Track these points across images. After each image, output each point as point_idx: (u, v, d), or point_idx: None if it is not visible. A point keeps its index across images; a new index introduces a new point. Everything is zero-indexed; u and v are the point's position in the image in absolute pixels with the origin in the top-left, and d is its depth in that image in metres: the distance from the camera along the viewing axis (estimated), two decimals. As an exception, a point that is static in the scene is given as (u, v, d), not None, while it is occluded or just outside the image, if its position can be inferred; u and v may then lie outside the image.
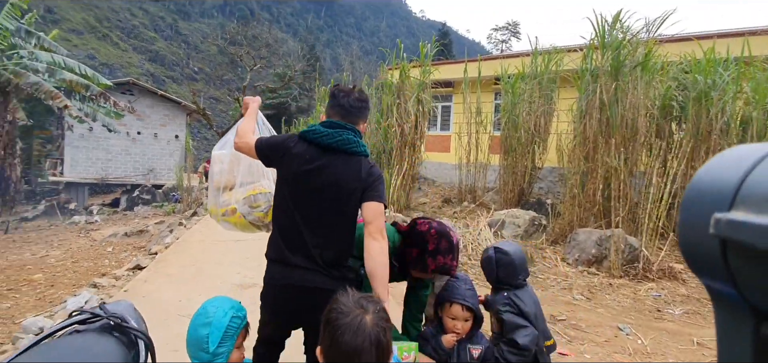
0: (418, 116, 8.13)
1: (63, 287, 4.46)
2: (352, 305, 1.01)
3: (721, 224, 0.32)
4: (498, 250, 1.77)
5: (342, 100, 1.65)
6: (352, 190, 1.56)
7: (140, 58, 62.22)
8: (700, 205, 0.37)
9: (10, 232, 11.08)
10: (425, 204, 10.67)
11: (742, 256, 0.32)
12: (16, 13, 8.95)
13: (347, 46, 79.25)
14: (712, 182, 0.37)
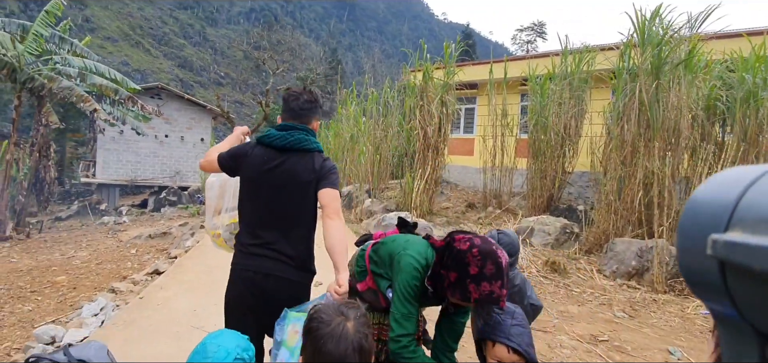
0: (442, 118, 7.86)
1: (85, 290, 4.45)
2: (333, 313, 1.02)
3: (717, 245, 0.33)
4: (501, 233, 1.96)
5: (292, 104, 1.78)
6: (308, 182, 1.68)
7: (170, 64, 64.56)
8: (696, 226, 0.37)
9: (44, 232, 11.49)
10: (448, 208, 10.36)
11: (741, 278, 0.32)
12: (50, 20, 9.26)
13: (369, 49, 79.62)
14: (707, 204, 0.37)
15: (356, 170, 9.94)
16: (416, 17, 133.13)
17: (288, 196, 1.70)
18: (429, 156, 7.91)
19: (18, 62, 8.70)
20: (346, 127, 10.92)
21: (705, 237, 0.34)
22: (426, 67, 8.03)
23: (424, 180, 7.65)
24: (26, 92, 9.24)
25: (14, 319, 3.57)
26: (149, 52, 64.43)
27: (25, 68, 8.83)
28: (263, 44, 26.74)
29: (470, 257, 1.31)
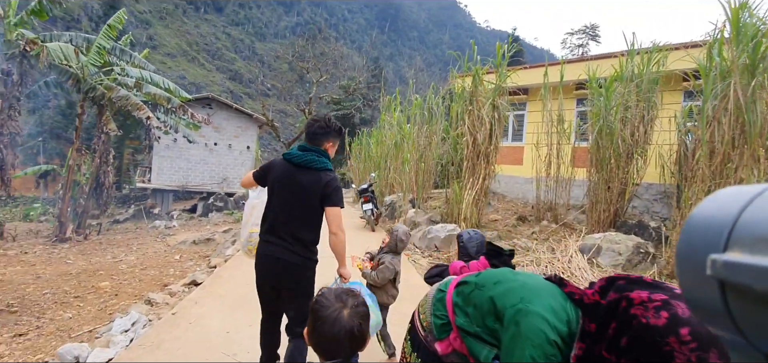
0: (493, 124, 7.27)
1: (126, 297, 4.36)
2: (334, 299, 1.16)
3: (717, 265, 0.33)
4: (480, 235, 2.18)
5: (309, 129, 2.32)
6: (314, 193, 2.14)
7: (222, 77, 68.41)
8: (695, 247, 0.36)
9: (102, 234, 12.12)
10: (497, 221, 9.65)
11: (742, 299, 0.32)
12: (112, 33, 9.77)
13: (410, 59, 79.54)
14: (706, 223, 0.37)
15: (400, 178, 9.52)
16: (458, 26, 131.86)
17: (298, 203, 2.17)
18: (479, 164, 7.33)
19: (82, 73, 9.22)
20: (390, 134, 10.56)
21: (704, 257, 0.34)
22: (476, 69, 7.50)
23: (475, 190, 7.07)
24: (89, 101, 9.79)
25: (53, 327, 3.48)
26: (204, 66, 68.75)
27: (88, 79, 9.34)
28: (307, 56, 27.31)
29: (676, 343, 0.72)
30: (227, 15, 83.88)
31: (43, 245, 8.61)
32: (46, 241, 9.19)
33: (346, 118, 24.61)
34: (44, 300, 4.12)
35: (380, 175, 10.91)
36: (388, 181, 10.55)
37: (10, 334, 3.28)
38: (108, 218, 16.45)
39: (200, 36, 74.57)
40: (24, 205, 20.93)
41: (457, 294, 1.12)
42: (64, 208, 9.36)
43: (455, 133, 8.07)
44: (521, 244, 7.04)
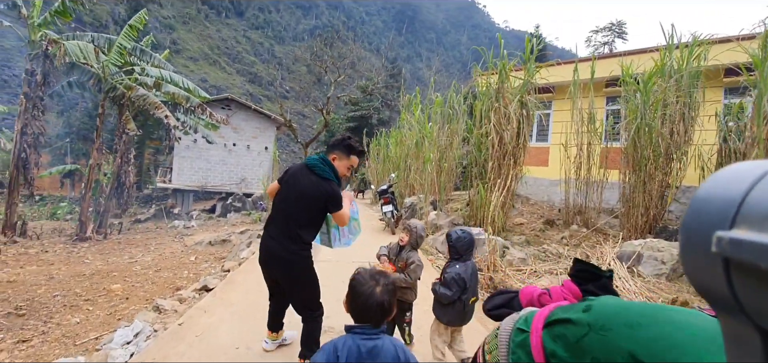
0: (521, 123, 6.84)
1: (136, 301, 4.17)
2: (369, 278, 1.49)
3: (723, 243, 0.32)
4: (468, 233, 2.65)
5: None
6: (312, 197, 2.43)
7: (242, 80, 69.63)
8: (701, 224, 0.36)
9: (124, 233, 12.21)
10: (523, 225, 9.18)
11: (747, 277, 0.32)
12: (133, 33, 9.80)
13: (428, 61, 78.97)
14: (712, 200, 0.36)
15: (421, 179, 9.16)
16: (476, 27, 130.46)
17: (294, 201, 2.43)
18: (505, 165, 6.91)
19: (103, 73, 9.25)
20: (410, 134, 10.22)
21: (709, 235, 0.34)
22: (502, 64, 7.09)
23: (501, 192, 6.65)
24: (109, 101, 9.83)
25: (59, 333, 3.29)
26: (225, 70, 70.17)
27: (108, 78, 9.37)
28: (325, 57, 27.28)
29: None
30: (247, 19, 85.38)
31: (63, 244, 8.65)
32: (67, 240, 9.25)
33: (364, 119, 24.40)
34: (54, 303, 3.97)
35: (400, 176, 10.58)
36: (408, 181, 10.19)
37: (14, 340, 3.10)
38: (130, 218, 16.68)
39: (221, 40, 76.20)
40: (51, 203, 21.52)
41: (551, 337, 0.77)
42: (84, 207, 9.40)
43: (479, 132, 7.66)
44: (551, 250, 6.59)
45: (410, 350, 1.49)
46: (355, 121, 25.06)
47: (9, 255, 7.17)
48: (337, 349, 1.36)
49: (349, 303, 1.46)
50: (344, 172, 2.53)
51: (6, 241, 8.50)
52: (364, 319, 1.41)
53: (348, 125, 25.32)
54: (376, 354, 1.35)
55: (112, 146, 12.26)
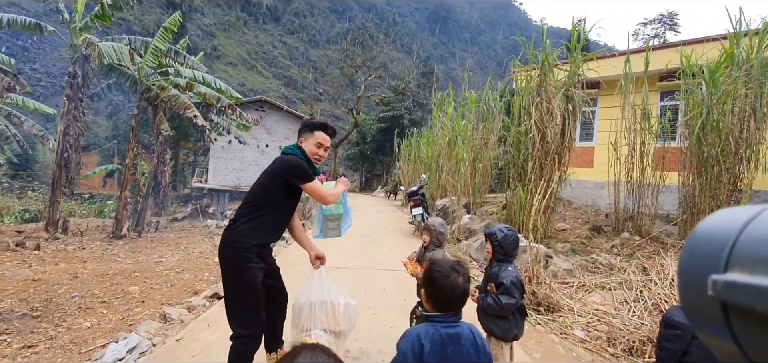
0: (567, 119, 6.18)
1: (152, 305, 3.99)
2: (449, 270, 1.53)
3: (718, 286, 0.33)
4: (512, 231, 2.36)
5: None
6: (270, 171, 2.31)
7: (278, 83, 71.62)
8: (696, 267, 0.36)
9: (160, 231, 12.51)
10: (566, 231, 8.43)
11: (744, 319, 0.32)
12: (167, 35, 9.96)
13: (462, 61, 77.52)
14: (706, 243, 0.37)
15: (453, 181, 8.63)
16: (512, 25, 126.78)
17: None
18: (547, 165, 6.27)
19: (138, 74, 9.45)
20: (442, 133, 9.71)
21: (705, 277, 0.34)
22: (544, 55, 6.46)
23: (544, 195, 6.03)
24: (144, 102, 10.04)
25: (68, 338, 3.13)
26: (261, 74, 72.47)
27: (143, 80, 9.56)
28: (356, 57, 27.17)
29: None
30: (284, 24, 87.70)
31: (100, 242, 8.87)
32: (105, 237, 9.50)
33: (396, 119, 24.00)
34: (70, 304, 3.86)
35: (431, 177, 10.09)
36: (439, 183, 9.68)
37: (20, 345, 2.96)
38: (168, 216, 17.22)
39: (259, 45, 78.78)
40: (100, 202, 22.73)
41: None
42: (120, 206, 9.65)
43: (517, 130, 7.05)
44: (601, 260, 5.89)
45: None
46: (386, 122, 24.73)
47: (48, 251, 7.38)
48: (421, 337, 1.41)
49: (431, 295, 1.52)
50: (314, 149, 2.37)
51: (48, 238, 8.83)
52: (448, 308, 1.49)
53: (379, 126, 25.04)
54: (458, 340, 1.43)
55: (151, 147, 12.62)
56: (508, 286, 2.23)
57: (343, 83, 40.98)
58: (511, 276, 2.26)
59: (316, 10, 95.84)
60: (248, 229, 2.06)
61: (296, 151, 2.32)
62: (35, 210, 14.02)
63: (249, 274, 2.00)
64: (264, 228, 2.12)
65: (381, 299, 4.04)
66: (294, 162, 2.20)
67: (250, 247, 2.03)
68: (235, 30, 77.50)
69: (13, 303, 3.80)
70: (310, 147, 2.36)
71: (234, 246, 2.02)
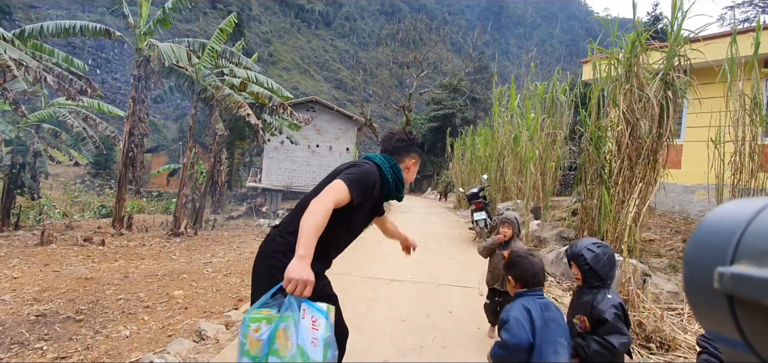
0: (666, 108, 5.14)
1: (195, 312, 3.72)
2: (526, 253, 1.90)
3: (724, 279, 0.32)
4: (605, 246, 1.90)
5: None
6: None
7: (329, 86, 73.46)
8: (702, 259, 0.36)
9: (216, 228, 12.85)
10: (654, 242, 7.22)
11: (751, 312, 0.32)
12: (223, 37, 10.10)
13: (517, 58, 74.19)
14: (712, 235, 0.36)
15: (520, 182, 7.76)
16: (571, 17, 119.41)
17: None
18: (640, 166, 5.27)
19: (195, 75, 9.65)
20: (505, 129, 8.84)
21: (711, 269, 0.34)
22: (635, 34, 5.45)
23: (640, 200, 5.06)
24: (200, 102, 10.27)
25: (104, 348, 2.88)
26: (313, 77, 74.74)
27: (200, 80, 9.75)
28: (409, 57, 26.68)
29: None
30: (334, 28, 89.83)
31: (160, 238, 9.12)
32: (165, 234, 9.81)
33: (447, 118, 23.13)
34: (115, 307, 3.69)
35: (491, 178, 9.24)
36: (502, 184, 8.81)
37: (54, 354, 2.75)
38: (225, 215, 17.85)
39: (311, 50, 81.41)
40: (166, 199, 24.28)
41: None
42: (178, 204, 9.92)
43: (596, 125, 6.07)
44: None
45: None
46: (437, 121, 23.94)
47: (111, 247, 7.62)
48: (527, 308, 1.66)
49: (520, 278, 1.83)
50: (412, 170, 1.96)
51: (114, 234, 9.26)
52: (536, 283, 1.80)
53: (430, 125, 24.29)
54: (549, 307, 1.71)
55: (209, 147, 13.04)
56: (613, 323, 1.76)
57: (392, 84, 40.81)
58: (612, 307, 1.79)
59: (366, 13, 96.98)
60: (289, 234, 1.58)
61: (385, 165, 1.80)
62: (111, 206, 15.06)
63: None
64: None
65: (449, 325, 3.44)
66: (362, 174, 1.65)
67: (280, 252, 1.56)
68: (290, 36, 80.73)
69: (61, 304, 3.70)
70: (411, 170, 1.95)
71: (267, 249, 1.61)
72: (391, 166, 1.79)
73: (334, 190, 1.51)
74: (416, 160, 1.94)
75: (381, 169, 1.74)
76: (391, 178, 1.76)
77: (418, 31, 30.45)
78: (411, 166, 1.91)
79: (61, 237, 8.38)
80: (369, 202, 1.70)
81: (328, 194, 1.49)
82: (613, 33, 6.26)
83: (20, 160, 10.74)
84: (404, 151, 1.90)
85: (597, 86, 6.28)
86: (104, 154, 22.67)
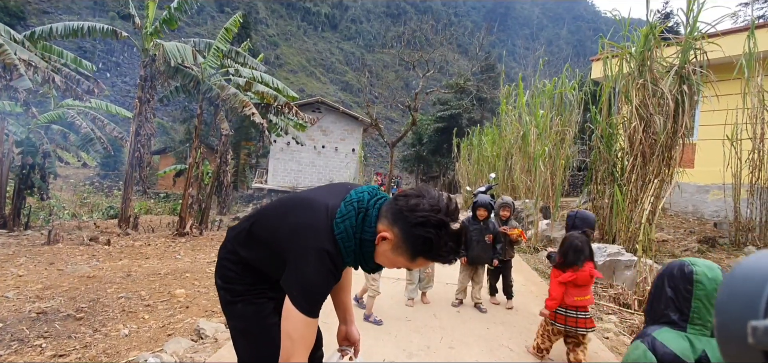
0: (682, 103, 4.98)
1: (196, 311, 3.64)
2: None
3: (758, 333, 0.31)
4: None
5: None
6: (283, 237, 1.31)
7: (335, 88, 73.69)
8: (734, 311, 0.35)
9: (222, 229, 12.84)
10: (667, 243, 7.04)
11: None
12: (228, 36, 10.08)
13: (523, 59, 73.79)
14: (743, 287, 0.35)
15: (528, 180, 7.61)
16: (578, 18, 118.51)
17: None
18: (653, 163, 5.11)
19: (201, 75, 9.64)
20: (512, 127, 8.69)
21: (744, 321, 0.32)
22: (650, 25, 5.29)
23: (655, 198, 4.90)
24: (206, 102, 10.26)
25: (102, 347, 2.82)
26: (319, 80, 75.03)
27: (206, 80, 9.74)
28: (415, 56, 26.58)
29: None
30: (341, 31, 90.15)
31: (165, 238, 9.10)
32: (171, 234, 9.79)
33: (454, 119, 22.99)
34: (115, 306, 3.63)
35: (499, 177, 9.09)
36: (510, 183, 8.66)
37: (52, 353, 2.68)
38: (231, 215, 17.86)
39: (317, 52, 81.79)
40: (173, 200, 24.42)
41: None
42: (184, 204, 9.90)
43: (608, 122, 5.91)
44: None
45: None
46: (443, 122, 23.80)
47: (117, 247, 7.61)
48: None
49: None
50: (392, 259, 1.20)
51: (120, 233, 9.26)
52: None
53: (436, 126, 24.14)
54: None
55: (214, 148, 13.04)
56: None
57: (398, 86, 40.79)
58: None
59: (372, 16, 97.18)
60: (239, 276, 1.37)
61: (348, 243, 1.19)
62: (118, 207, 15.14)
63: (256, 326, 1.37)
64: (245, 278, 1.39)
65: (456, 325, 3.32)
66: (310, 280, 1.14)
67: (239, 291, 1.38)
68: (296, 39, 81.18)
69: (62, 302, 3.65)
70: (386, 257, 1.22)
71: (226, 287, 1.38)
72: (359, 241, 1.20)
73: (297, 337, 1.13)
74: (402, 256, 1.19)
75: (337, 243, 1.17)
76: (352, 259, 1.21)
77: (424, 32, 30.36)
78: (386, 250, 1.20)
79: (68, 237, 8.40)
80: None
81: (295, 350, 1.13)
82: (625, 28, 6.11)
83: (30, 161, 10.82)
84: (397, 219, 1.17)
85: (608, 83, 6.12)
86: (112, 156, 22.87)
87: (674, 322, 1.24)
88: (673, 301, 1.25)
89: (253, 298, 1.33)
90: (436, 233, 1.11)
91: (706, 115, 8.98)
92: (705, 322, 1.20)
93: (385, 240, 1.16)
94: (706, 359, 1.18)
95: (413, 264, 1.19)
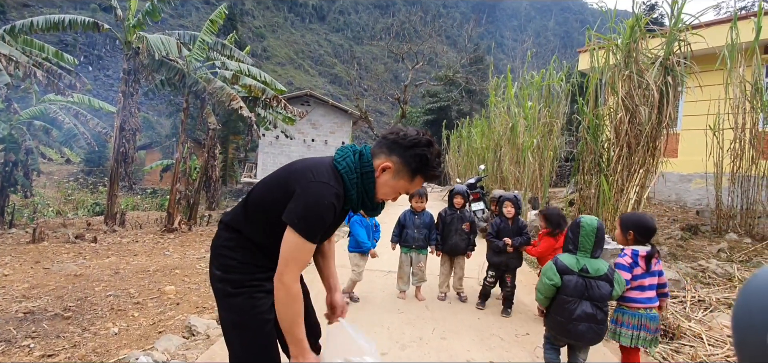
0: (666, 94, 5.07)
1: (187, 308, 3.62)
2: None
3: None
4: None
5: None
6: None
7: (323, 81, 73.03)
8: (754, 321, 0.34)
9: (211, 224, 12.72)
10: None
11: None
12: (213, 28, 9.90)
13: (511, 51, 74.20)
14: (761, 297, 0.35)
15: (517, 172, 7.69)
16: (565, 10, 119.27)
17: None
18: (638, 153, 5.21)
19: (186, 68, 9.47)
20: (502, 119, 8.76)
21: (763, 335, 0.32)
22: (636, 17, 5.37)
23: (640, 187, 5.01)
24: (192, 95, 10.09)
25: (91, 346, 2.79)
26: (308, 72, 74.25)
27: (191, 73, 9.57)
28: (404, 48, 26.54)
29: None
30: (329, 23, 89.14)
31: (154, 234, 8.98)
32: (159, 230, 9.67)
33: (443, 111, 23.06)
34: (104, 304, 3.58)
35: (489, 169, 9.16)
36: (499, 175, 8.74)
37: (40, 352, 2.65)
38: (220, 210, 17.69)
39: (305, 44, 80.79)
40: (161, 196, 24.06)
41: None
42: (171, 200, 9.77)
43: (594, 113, 6.00)
44: (712, 268, 4.76)
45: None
46: (433, 114, 23.85)
47: (103, 244, 7.48)
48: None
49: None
50: (390, 191, 1.40)
51: (106, 230, 9.11)
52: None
53: (425, 118, 24.18)
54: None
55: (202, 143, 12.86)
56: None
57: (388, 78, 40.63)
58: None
59: (360, 7, 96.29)
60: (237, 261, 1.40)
61: (351, 175, 1.34)
62: (104, 204, 14.86)
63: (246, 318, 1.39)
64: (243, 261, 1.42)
65: (448, 316, 3.36)
66: (308, 208, 1.25)
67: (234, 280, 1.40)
68: (283, 31, 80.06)
69: (49, 301, 3.59)
70: (389, 185, 1.38)
71: (221, 276, 1.41)
72: (361, 175, 1.34)
73: (290, 257, 1.22)
74: (404, 178, 1.37)
75: (343, 178, 1.32)
76: (356, 194, 1.33)
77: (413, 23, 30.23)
78: (388, 179, 1.37)
79: (53, 234, 8.23)
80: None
81: (287, 268, 1.22)
82: (612, 20, 6.18)
83: (13, 158, 10.53)
84: (393, 149, 1.37)
85: (594, 74, 6.20)
86: (96, 151, 22.40)
87: (570, 251, 2.26)
88: (570, 239, 2.26)
89: (253, 292, 1.35)
90: (428, 150, 1.35)
91: (690, 106, 9.17)
92: (586, 249, 2.19)
93: (386, 170, 1.36)
94: (585, 269, 2.17)
95: (412, 185, 1.39)
